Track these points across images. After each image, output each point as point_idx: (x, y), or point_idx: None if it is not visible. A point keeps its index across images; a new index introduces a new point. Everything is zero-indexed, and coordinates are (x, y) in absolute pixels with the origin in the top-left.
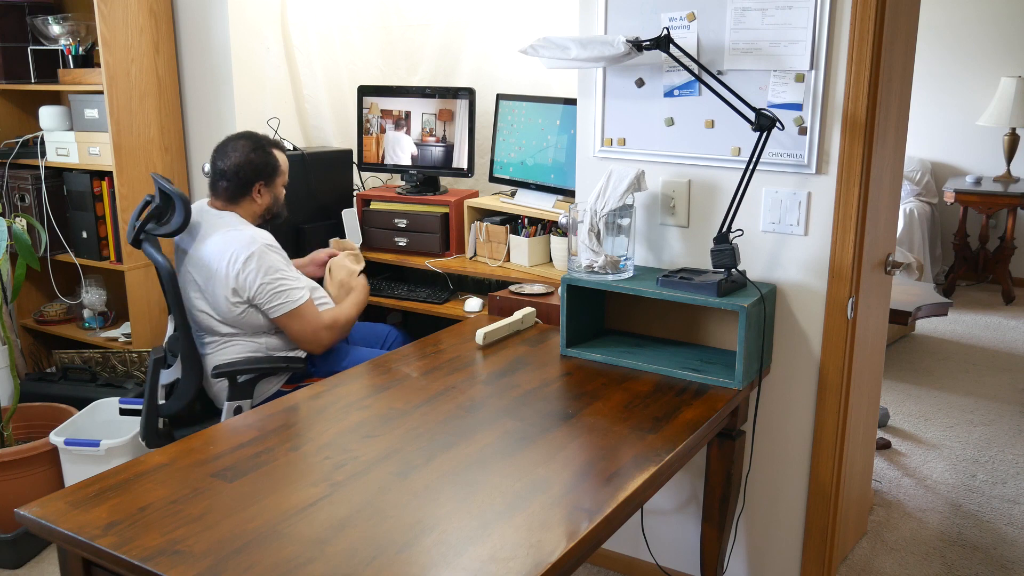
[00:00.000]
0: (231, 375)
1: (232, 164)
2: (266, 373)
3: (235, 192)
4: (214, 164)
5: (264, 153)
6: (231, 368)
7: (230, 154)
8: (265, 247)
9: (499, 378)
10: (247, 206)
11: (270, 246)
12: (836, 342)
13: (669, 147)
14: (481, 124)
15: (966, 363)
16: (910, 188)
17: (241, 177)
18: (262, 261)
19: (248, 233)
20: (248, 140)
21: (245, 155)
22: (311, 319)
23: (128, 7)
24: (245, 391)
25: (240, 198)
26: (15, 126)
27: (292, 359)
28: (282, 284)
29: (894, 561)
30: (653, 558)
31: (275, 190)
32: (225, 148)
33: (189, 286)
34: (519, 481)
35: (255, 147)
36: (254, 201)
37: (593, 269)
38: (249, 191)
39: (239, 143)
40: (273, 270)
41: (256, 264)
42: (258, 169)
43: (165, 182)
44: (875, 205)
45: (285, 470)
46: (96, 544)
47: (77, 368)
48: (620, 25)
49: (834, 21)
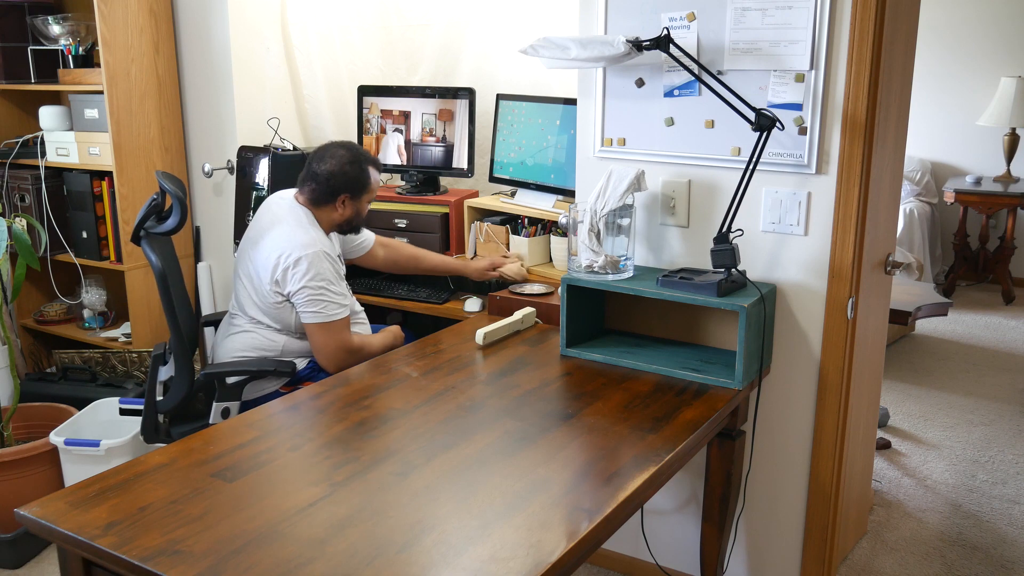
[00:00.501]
0: (219, 376)
1: (325, 170)
2: (254, 376)
3: (320, 197)
4: (309, 164)
5: (359, 168)
6: (219, 370)
7: (327, 159)
8: (321, 254)
9: (499, 378)
10: (327, 212)
11: (327, 255)
12: (836, 342)
13: (669, 147)
14: (481, 124)
15: (966, 363)
16: (910, 188)
17: (331, 185)
18: (312, 266)
19: (311, 235)
20: (348, 151)
21: (340, 165)
22: (338, 337)
23: (128, 7)
24: (233, 393)
25: (323, 204)
26: (15, 126)
27: (282, 364)
28: (324, 295)
29: (894, 561)
30: (653, 558)
31: (359, 205)
32: (324, 152)
33: (241, 264)
34: (519, 481)
35: (352, 160)
36: (335, 210)
37: (593, 269)
38: (334, 200)
39: (339, 151)
40: (319, 277)
41: (305, 267)
42: (349, 182)
43: (166, 181)
44: (875, 205)
45: (285, 470)
46: (96, 544)
47: (77, 368)
48: (620, 25)
49: (834, 21)
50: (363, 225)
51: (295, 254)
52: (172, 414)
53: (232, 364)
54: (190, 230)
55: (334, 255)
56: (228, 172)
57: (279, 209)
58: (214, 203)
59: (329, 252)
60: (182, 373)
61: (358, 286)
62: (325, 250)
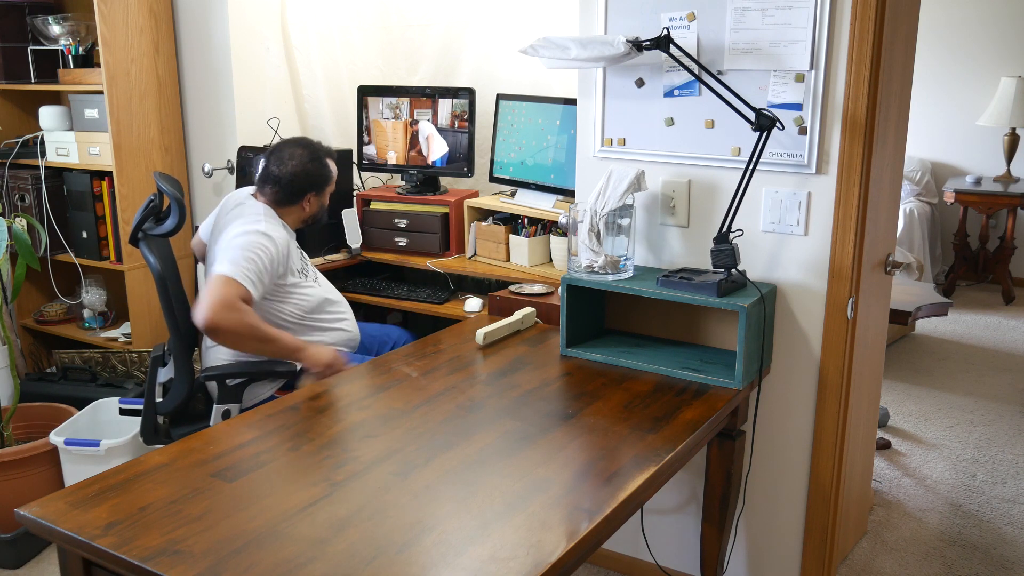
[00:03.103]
0: (219, 378)
1: (288, 172)
2: (255, 378)
3: (284, 198)
4: (267, 167)
5: (320, 164)
6: (220, 371)
7: (286, 161)
8: (265, 236)
9: (499, 378)
10: (293, 212)
11: (269, 237)
12: (836, 342)
13: (669, 147)
14: (481, 124)
15: (966, 363)
16: (910, 188)
17: (295, 186)
18: (249, 236)
19: (274, 225)
20: (306, 149)
21: (303, 165)
22: (224, 293)
23: (128, 7)
24: (234, 395)
25: (287, 204)
26: (15, 126)
27: (283, 365)
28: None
29: (894, 561)
30: (653, 558)
31: (323, 199)
32: (281, 154)
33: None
34: (519, 481)
35: (312, 157)
36: (302, 209)
37: (593, 269)
38: (300, 200)
39: (296, 151)
40: (250, 245)
41: (242, 233)
42: (313, 180)
43: (164, 182)
44: (875, 205)
45: (285, 470)
46: (96, 544)
47: (77, 368)
48: (620, 25)
49: (834, 21)
50: (324, 217)
51: (252, 227)
52: (172, 416)
53: (231, 366)
54: (190, 230)
55: (288, 252)
56: (228, 172)
57: (241, 206)
58: (214, 203)
59: (283, 248)
60: (181, 375)
61: (358, 286)
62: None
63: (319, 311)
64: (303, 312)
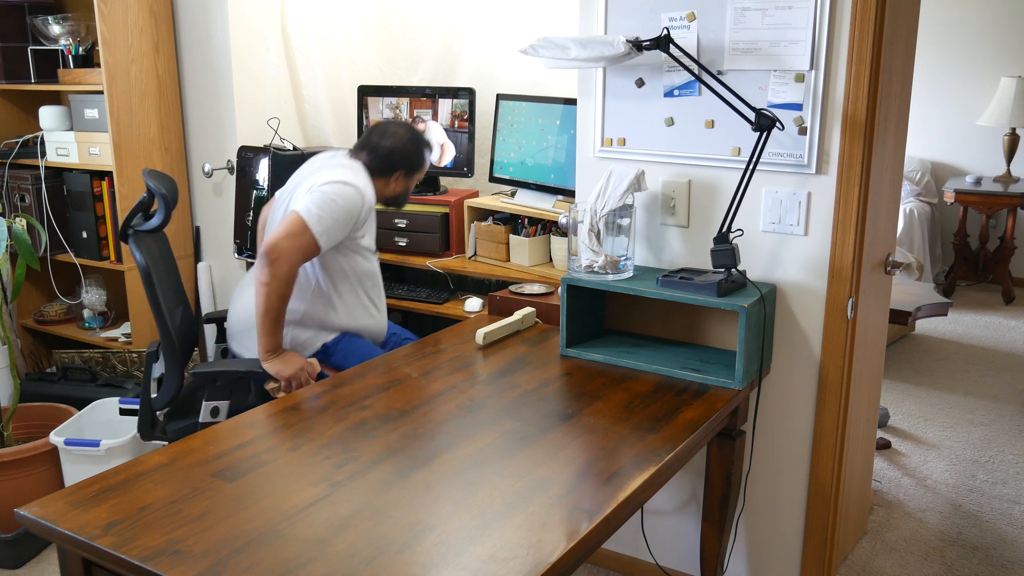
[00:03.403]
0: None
1: (387, 144)
2: (243, 377)
3: (377, 168)
4: (368, 136)
5: (418, 148)
6: (208, 369)
7: (389, 135)
8: (353, 187)
9: (499, 378)
10: (378, 185)
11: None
12: (836, 342)
13: (669, 147)
14: (481, 124)
15: (966, 363)
16: (910, 188)
17: (391, 160)
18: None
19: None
20: (408, 131)
21: (403, 143)
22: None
23: (128, 7)
24: (222, 392)
25: (377, 175)
26: (15, 126)
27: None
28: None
29: (894, 561)
30: (653, 558)
31: (409, 183)
32: (386, 128)
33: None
34: (519, 481)
35: (414, 139)
36: (388, 184)
37: (593, 269)
38: (390, 175)
39: (401, 130)
40: (335, 194)
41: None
42: (408, 159)
43: (151, 179)
44: (875, 205)
45: (285, 470)
46: (96, 544)
47: (77, 368)
48: (620, 25)
49: (834, 21)
50: (404, 203)
51: (344, 177)
52: (171, 411)
53: (222, 363)
54: (190, 230)
55: (372, 211)
56: (228, 172)
57: (337, 157)
58: (214, 203)
59: (370, 204)
60: (172, 370)
61: None
62: (368, 198)
63: (365, 285)
64: (355, 274)
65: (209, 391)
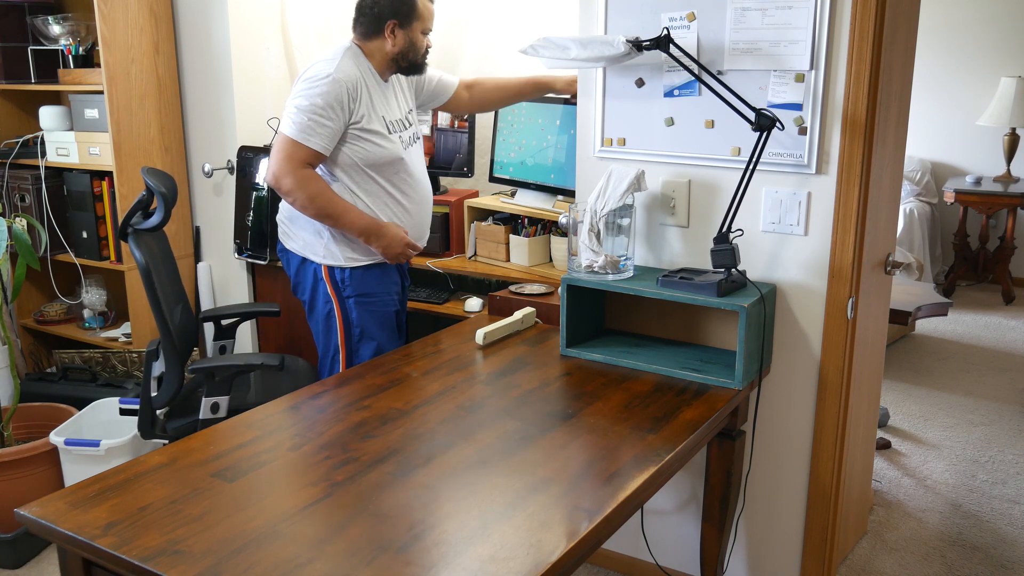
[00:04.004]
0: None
1: (369, 0)
2: (242, 371)
3: (368, 28)
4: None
5: None
6: (207, 364)
7: None
8: (333, 80)
9: (499, 378)
10: (379, 45)
11: (338, 81)
12: (836, 342)
13: (669, 147)
14: (481, 124)
15: (966, 363)
16: (910, 188)
17: (375, 13)
18: (313, 83)
19: (339, 63)
20: None
21: None
22: (284, 156)
23: (128, 7)
24: (222, 388)
25: (373, 35)
26: (15, 126)
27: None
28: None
29: (894, 561)
30: (653, 558)
31: (411, 34)
32: None
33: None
34: (519, 481)
35: None
36: (386, 41)
37: (593, 269)
38: (381, 29)
39: None
40: (311, 95)
41: (303, 81)
42: (394, 7)
43: (150, 177)
44: (875, 205)
45: (285, 470)
46: (96, 544)
47: (77, 368)
48: (620, 25)
49: (834, 21)
50: (421, 61)
51: (313, 73)
52: (171, 409)
53: (220, 359)
54: (190, 230)
55: (362, 89)
56: (228, 172)
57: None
58: (214, 203)
59: (352, 86)
60: (172, 368)
61: None
62: (342, 77)
63: (383, 171)
64: (360, 161)
65: (208, 387)
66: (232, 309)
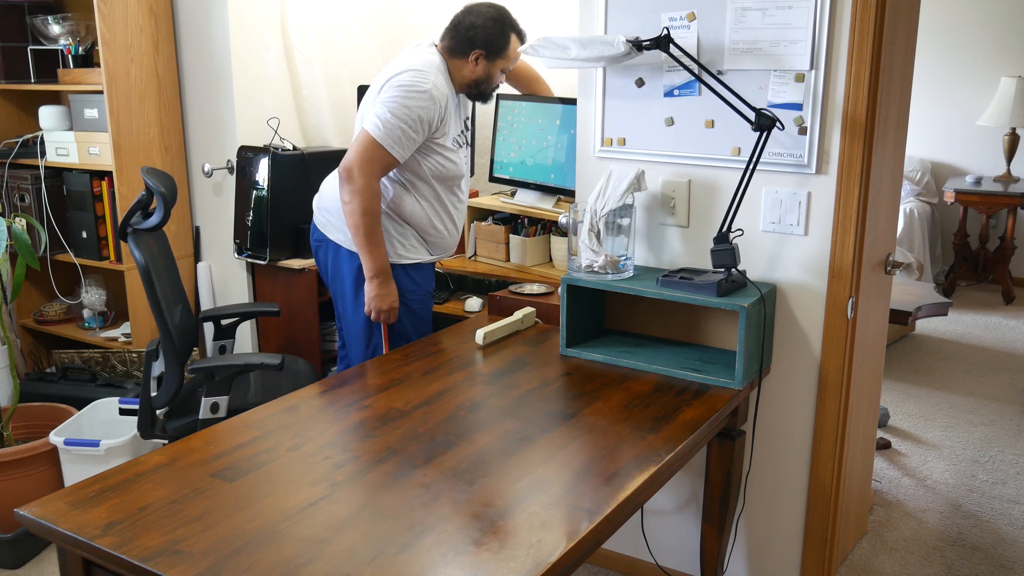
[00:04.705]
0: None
1: (467, 22)
2: (242, 371)
3: (455, 47)
4: (455, 16)
5: (501, 29)
6: (207, 364)
7: (472, 12)
8: (431, 97)
9: (499, 378)
10: (459, 66)
11: (435, 100)
12: (836, 342)
13: (669, 147)
14: (481, 124)
15: (966, 363)
16: (910, 188)
17: (468, 37)
18: (410, 93)
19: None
20: (495, 10)
21: (484, 20)
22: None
23: (128, 7)
24: (222, 388)
25: (457, 55)
26: (15, 126)
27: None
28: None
29: (894, 561)
30: (653, 558)
31: (492, 68)
32: (473, 6)
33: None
34: (519, 481)
35: (497, 19)
36: (466, 65)
37: (593, 269)
38: (467, 53)
39: (487, 9)
40: (408, 105)
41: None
42: (488, 39)
43: (150, 177)
44: (875, 205)
45: (285, 470)
46: (96, 544)
47: (77, 368)
48: (620, 25)
49: (834, 21)
50: (490, 94)
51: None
52: (171, 409)
53: (220, 359)
54: (190, 230)
55: (448, 108)
56: (228, 172)
57: (413, 52)
58: (214, 203)
59: (441, 102)
60: (171, 368)
61: None
62: (438, 96)
63: (446, 187)
64: (429, 172)
65: (208, 387)
66: (232, 309)
